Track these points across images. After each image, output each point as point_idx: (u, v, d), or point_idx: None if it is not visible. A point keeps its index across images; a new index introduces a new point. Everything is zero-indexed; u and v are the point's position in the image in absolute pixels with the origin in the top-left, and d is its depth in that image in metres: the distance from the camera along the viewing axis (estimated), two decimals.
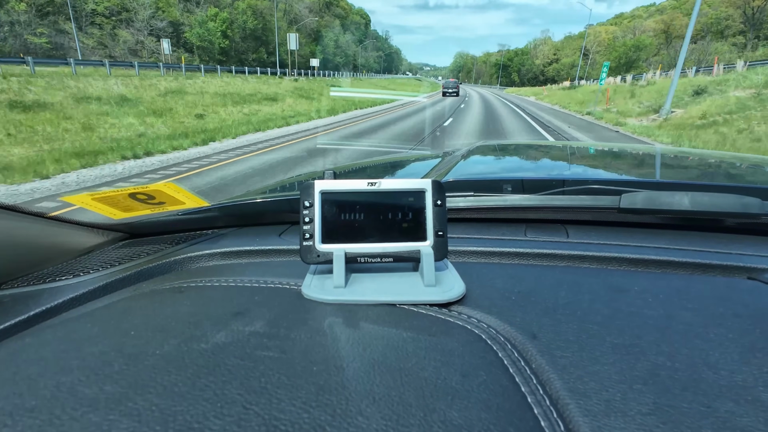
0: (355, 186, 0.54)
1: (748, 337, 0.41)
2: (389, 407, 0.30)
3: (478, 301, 0.49)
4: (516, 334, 0.42)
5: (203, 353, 0.36)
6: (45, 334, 0.42)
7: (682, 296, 0.50)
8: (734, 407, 0.32)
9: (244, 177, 5.61)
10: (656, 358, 0.38)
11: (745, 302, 0.48)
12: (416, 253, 0.54)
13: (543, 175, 1.04)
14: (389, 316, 0.45)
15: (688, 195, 0.67)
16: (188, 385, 0.31)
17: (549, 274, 0.57)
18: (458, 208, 0.75)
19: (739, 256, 0.60)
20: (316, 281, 0.52)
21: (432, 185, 0.55)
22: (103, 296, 0.57)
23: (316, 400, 0.30)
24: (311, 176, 1.12)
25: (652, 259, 0.59)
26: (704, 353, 0.38)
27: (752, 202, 0.66)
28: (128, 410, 0.28)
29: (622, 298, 0.49)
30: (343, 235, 0.54)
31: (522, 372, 0.37)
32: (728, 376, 0.35)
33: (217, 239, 0.74)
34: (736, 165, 1.24)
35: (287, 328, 0.41)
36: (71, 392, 0.30)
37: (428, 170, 1.25)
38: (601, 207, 0.71)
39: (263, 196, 0.91)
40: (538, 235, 0.70)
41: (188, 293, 0.51)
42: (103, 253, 0.69)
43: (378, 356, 0.37)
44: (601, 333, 0.42)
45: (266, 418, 0.28)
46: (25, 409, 0.29)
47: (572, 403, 0.32)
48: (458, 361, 0.37)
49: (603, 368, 0.36)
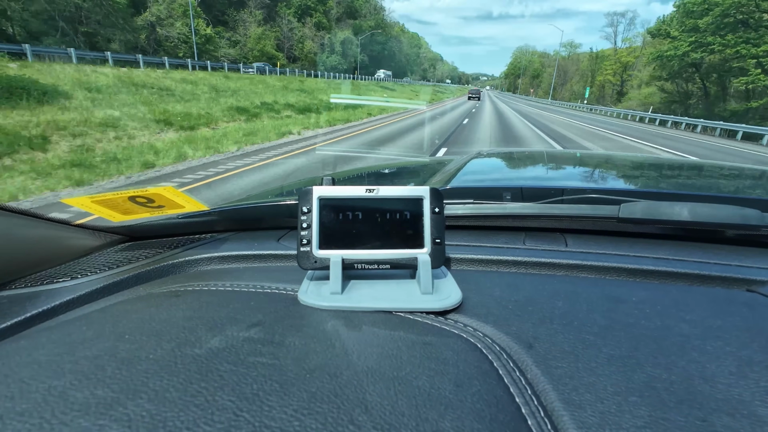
0: (354, 192, 0.54)
1: (745, 351, 0.40)
2: (381, 416, 0.30)
3: (475, 309, 0.49)
4: (512, 344, 0.42)
5: (196, 358, 0.36)
6: (40, 337, 0.42)
7: (680, 308, 0.49)
8: (730, 421, 0.31)
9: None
10: (653, 370, 0.37)
11: (744, 315, 0.48)
12: (413, 260, 0.54)
13: (542, 184, 1.05)
14: (385, 324, 0.45)
15: (688, 206, 0.67)
16: (180, 390, 0.31)
17: (547, 283, 0.57)
18: (457, 216, 0.75)
19: (739, 267, 0.60)
20: (312, 287, 0.52)
21: (430, 192, 0.55)
22: (100, 299, 0.57)
23: (308, 407, 0.30)
24: (310, 182, 1.13)
25: (651, 269, 0.59)
26: (701, 366, 0.38)
27: (752, 214, 0.66)
28: (119, 415, 0.28)
29: (620, 308, 0.49)
30: (340, 241, 0.54)
31: (517, 382, 0.37)
32: (725, 389, 0.35)
33: (216, 243, 0.74)
34: (736, 176, 1.24)
35: (282, 334, 0.41)
36: (62, 396, 0.30)
37: (427, 177, 1.26)
38: (601, 216, 0.71)
39: (262, 201, 0.92)
40: (536, 243, 0.70)
41: (185, 297, 0.51)
42: (101, 256, 0.69)
43: (372, 364, 0.36)
44: (598, 344, 0.41)
45: (257, 426, 0.28)
46: (15, 412, 0.29)
47: (567, 415, 0.32)
48: (453, 371, 0.36)
49: (599, 380, 0.36)
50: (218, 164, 6.49)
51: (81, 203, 0.61)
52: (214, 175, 5.79)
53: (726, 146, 15.16)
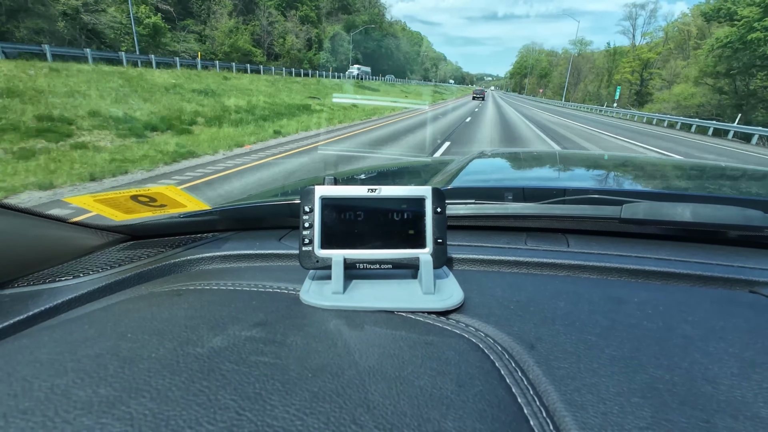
0: (355, 192, 0.54)
1: (748, 352, 0.40)
2: (383, 416, 0.30)
3: (477, 309, 0.49)
4: (513, 344, 0.42)
5: (198, 357, 0.36)
6: (42, 336, 0.42)
7: (683, 309, 0.49)
8: (733, 423, 0.31)
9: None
10: (655, 372, 0.37)
11: (746, 316, 0.47)
12: (415, 260, 0.54)
13: (544, 184, 1.04)
14: (387, 324, 0.45)
15: (690, 206, 0.67)
16: (182, 389, 0.31)
17: (549, 283, 0.57)
18: (458, 216, 0.75)
19: (741, 269, 0.60)
20: (314, 287, 0.52)
21: (432, 192, 0.55)
22: (102, 298, 0.57)
23: (310, 407, 0.30)
24: (313, 181, 1.13)
25: (653, 270, 0.59)
26: (703, 367, 0.38)
27: (755, 215, 0.65)
28: (121, 414, 0.28)
29: (622, 309, 0.49)
30: (342, 241, 0.54)
31: (519, 383, 0.37)
32: (727, 391, 0.35)
33: (218, 242, 0.74)
34: (739, 176, 1.23)
35: (284, 333, 0.41)
36: (65, 395, 0.30)
37: (429, 177, 1.26)
38: (603, 217, 0.71)
39: (264, 201, 0.92)
40: (538, 244, 0.70)
41: (186, 296, 0.51)
42: (103, 255, 0.69)
43: (374, 364, 0.36)
44: (600, 344, 0.41)
45: (259, 425, 0.28)
46: (18, 410, 0.29)
47: (569, 416, 0.32)
48: (454, 371, 0.36)
49: (601, 380, 0.36)
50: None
51: (83, 202, 0.61)
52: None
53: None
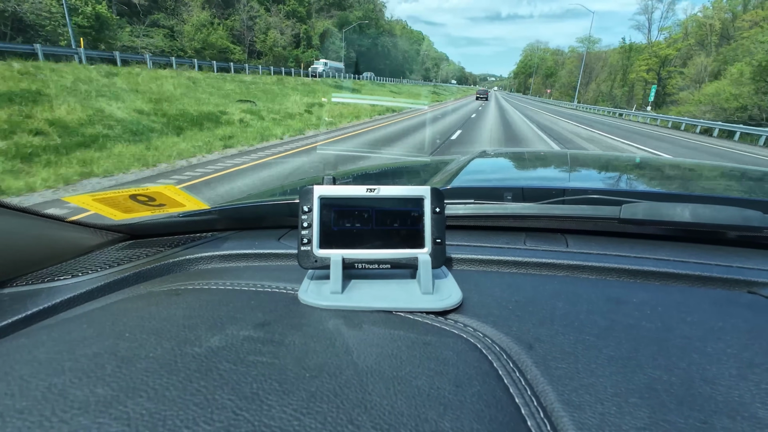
0: (354, 192, 0.54)
1: (746, 353, 0.40)
2: (381, 416, 0.30)
3: (475, 309, 0.49)
4: (512, 344, 0.42)
5: (196, 357, 0.36)
6: (40, 335, 0.42)
7: (681, 309, 0.49)
8: (731, 424, 0.31)
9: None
10: (653, 372, 0.37)
11: (745, 317, 0.47)
12: (414, 260, 0.54)
13: (543, 184, 1.04)
14: (385, 324, 0.45)
15: (689, 207, 0.67)
16: (179, 389, 0.31)
17: (547, 283, 0.57)
18: (457, 216, 0.75)
19: (740, 269, 0.60)
20: (313, 286, 0.52)
21: (431, 192, 0.55)
22: (100, 297, 0.57)
23: (308, 407, 0.30)
24: (312, 181, 1.13)
25: (652, 270, 0.59)
26: (702, 368, 0.38)
27: (753, 216, 0.65)
28: (118, 413, 0.28)
29: (621, 309, 0.49)
30: (341, 241, 0.54)
31: (516, 383, 0.37)
32: (725, 391, 0.35)
33: (217, 242, 0.74)
34: (738, 177, 1.23)
35: (282, 333, 0.41)
36: (62, 394, 0.30)
37: (429, 177, 1.26)
38: (602, 217, 0.71)
39: (263, 200, 0.92)
40: (537, 244, 0.70)
41: (185, 296, 0.51)
42: (102, 254, 0.69)
43: (372, 364, 0.36)
44: (598, 345, 0.41)
45: (256, 425, 0.28)
46: (15, 410, 0.29)
47: (566, 416, 0.32)
48: (452, 371, 0.36)
49: (599, 381, 0.36)
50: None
51: (82, 201, 0.61)
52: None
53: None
